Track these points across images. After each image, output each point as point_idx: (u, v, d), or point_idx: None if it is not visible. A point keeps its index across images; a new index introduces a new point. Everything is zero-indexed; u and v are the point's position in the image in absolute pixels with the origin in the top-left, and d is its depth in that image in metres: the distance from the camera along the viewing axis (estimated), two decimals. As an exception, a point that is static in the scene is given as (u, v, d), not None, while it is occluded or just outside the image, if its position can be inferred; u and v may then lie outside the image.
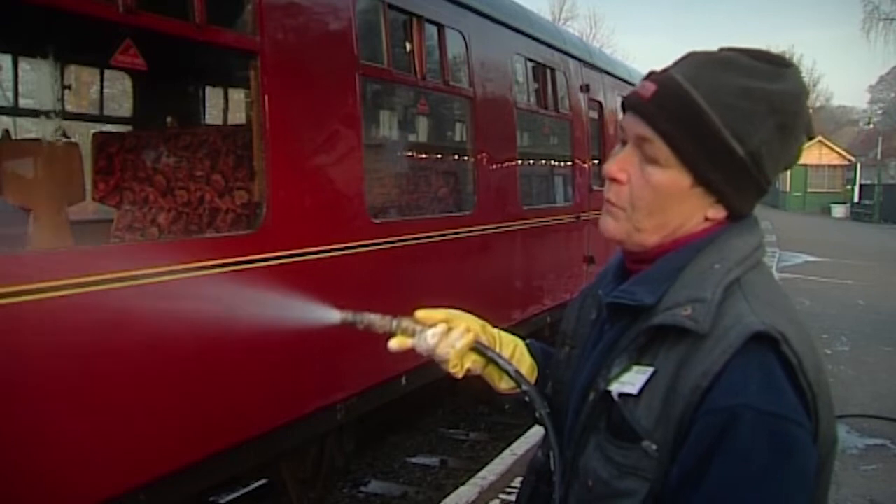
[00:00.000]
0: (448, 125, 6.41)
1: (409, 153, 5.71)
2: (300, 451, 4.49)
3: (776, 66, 1.16)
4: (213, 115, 4.33)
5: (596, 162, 8.80)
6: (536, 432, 5.52)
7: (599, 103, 9.11)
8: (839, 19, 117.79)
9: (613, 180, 1.21)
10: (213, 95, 4.16)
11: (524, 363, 1.47)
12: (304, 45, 4.07)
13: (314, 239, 4.04)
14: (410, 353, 1.41)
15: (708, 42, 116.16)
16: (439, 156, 6.13)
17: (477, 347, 1.39)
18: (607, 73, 9.59)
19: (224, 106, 4.30)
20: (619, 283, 1.28)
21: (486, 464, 5.25)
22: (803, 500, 1.04)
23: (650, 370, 1.12)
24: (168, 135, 4.13)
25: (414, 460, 6.20)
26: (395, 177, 5.08)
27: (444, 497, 4.75)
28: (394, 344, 1.40)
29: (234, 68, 3.90)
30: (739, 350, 1.05)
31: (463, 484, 4.88)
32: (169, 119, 4.23)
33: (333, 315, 1.46)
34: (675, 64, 1.19)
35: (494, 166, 6.20)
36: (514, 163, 6.60)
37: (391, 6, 4.92)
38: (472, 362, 1.40)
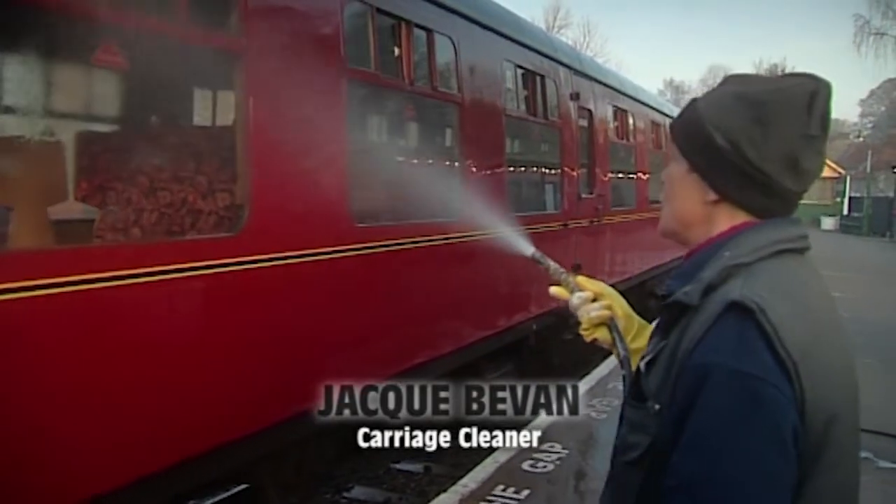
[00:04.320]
0: (436, 131, 6.40)
1: (396, 158, 5.69)
2: (280, 455, 4.46)
3: (780, 78, 1.36)
4: (197, 117, 4.30)
5: (584, 170, 8.81)
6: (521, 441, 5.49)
7: (589, 111, 9.11)
8: (831, 33, 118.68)
9: (663, 182, 1.48)
10: (197, 96, 4.13)
11: None
12: (290, 49, 4.05)
13: (296, 242, 4.03)
14: (394, 357, 1.57)
15: (701, 52, 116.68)
16: (427, 162, 6.12)
17: (609, 325, 1.64)
18: (598, 81, 9.60)
19: (209, 107, 4.27)
20: None
21: (470, 469, 5.23)
22: (772, 455, 1.13)
23: (664, 343, 1.30)
24: (152, 135, 4.10)
25: (398, 466, 6.15)
26: (381, 182, 5.06)
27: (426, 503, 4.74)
28: (554, 290, 1.74)
29: (219, 70, 3.88)
30: (719, 316, 1.20)
31: (445, 491, 4.86)
32: (153, 119, 4.20)
33: (529, 249, 1.87)
34: None
35: (482, 173, 6.18)
36: (501, 169, 6.59)
37: (379, 10, 4.91)
38: (602, 336, 1.65)
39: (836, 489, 1.24)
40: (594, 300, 1.67)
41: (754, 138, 1.29)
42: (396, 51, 5.21)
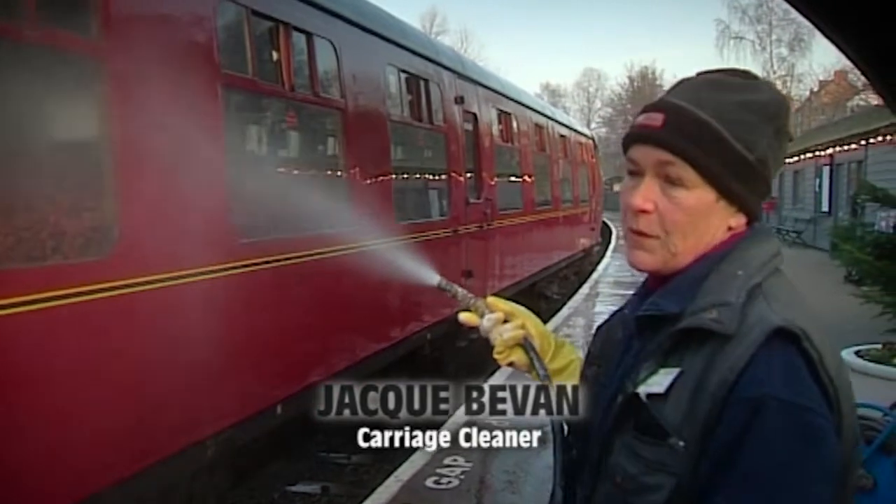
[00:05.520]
0: (319, 138, 6.18)
1: (279, 168, 5.45)
2: (166, 493, 4.15)
3: (751, 80, 1.26)
4: (55, 128, 3.92)
5: (470, 175, 8.74)
6: (421, 456, 5.34)
7: (474, 115, 9.07)
8: (697, 37, 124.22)
9: (642, 211, 1.25)
10: (55, 106, 3.75)
11: (573, 379, 1.50)
12: (158, 53, 3.75)
13: (173, 263, 3.74)
14: (286, 381, 1.34)
15: (575, 56, 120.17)
16: (310, 170, 5.91)
17: (524, 345, 1.52)
18: (481, 84, 9.59)
19: (69, 118, 3.90)
20: (644, 299, 1.33)
21: (374, 489, 5.06)
22: (828, 489, 1.07)
23: (677, 370, 1.17)
24: (5, 149, 3.72)
25: (294, 489, 5.94)
26: (265, 194, 4.80)
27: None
28: (463, 316, 1.61)
29: (79, 76, 3.55)
30: (763, 345, 1.10)
31: (346, 515, 4.67)
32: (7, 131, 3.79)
33: (434, 278, 1.76)
34: (670, 92, 1.28)
35: (368, 180, 6.01)
36: (388, 176, 6.43)
37: (255, 12, 4.66)
38: (518, 358, 1.54)
39: None
40: (506, 321, 1.56)
41: (775, 151, 1.25)
42: (275, 55, 4.97)
